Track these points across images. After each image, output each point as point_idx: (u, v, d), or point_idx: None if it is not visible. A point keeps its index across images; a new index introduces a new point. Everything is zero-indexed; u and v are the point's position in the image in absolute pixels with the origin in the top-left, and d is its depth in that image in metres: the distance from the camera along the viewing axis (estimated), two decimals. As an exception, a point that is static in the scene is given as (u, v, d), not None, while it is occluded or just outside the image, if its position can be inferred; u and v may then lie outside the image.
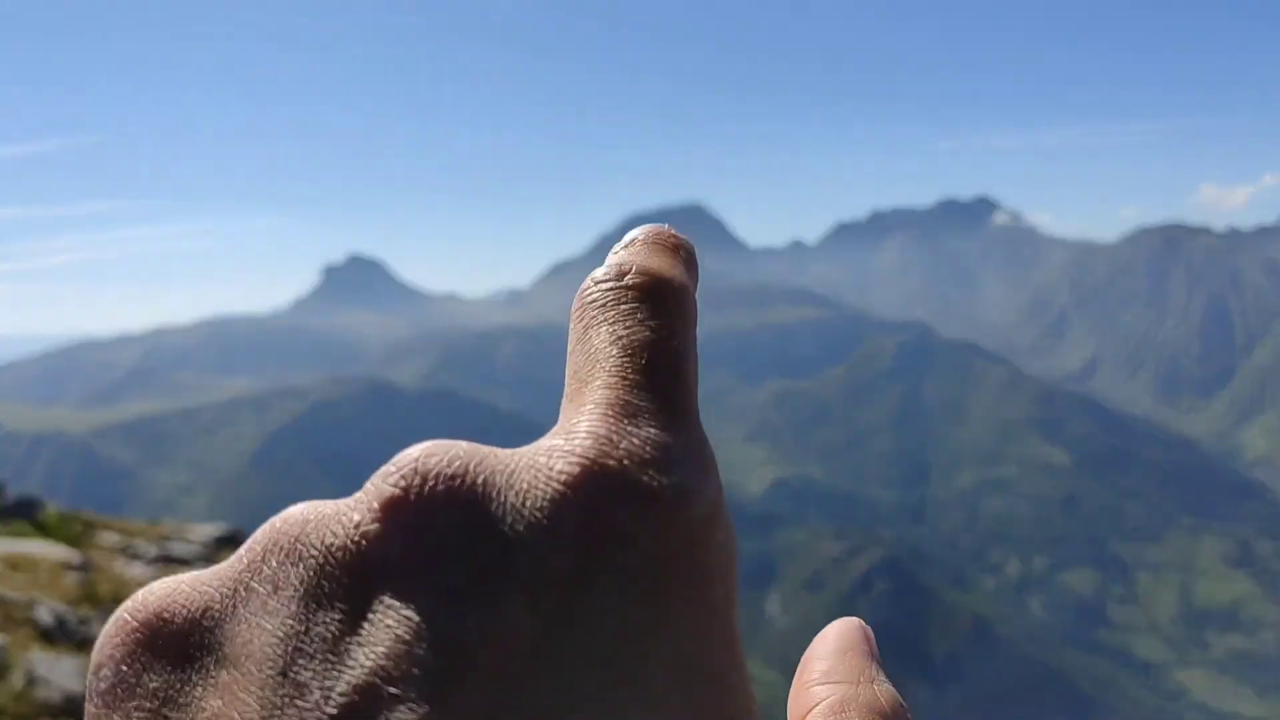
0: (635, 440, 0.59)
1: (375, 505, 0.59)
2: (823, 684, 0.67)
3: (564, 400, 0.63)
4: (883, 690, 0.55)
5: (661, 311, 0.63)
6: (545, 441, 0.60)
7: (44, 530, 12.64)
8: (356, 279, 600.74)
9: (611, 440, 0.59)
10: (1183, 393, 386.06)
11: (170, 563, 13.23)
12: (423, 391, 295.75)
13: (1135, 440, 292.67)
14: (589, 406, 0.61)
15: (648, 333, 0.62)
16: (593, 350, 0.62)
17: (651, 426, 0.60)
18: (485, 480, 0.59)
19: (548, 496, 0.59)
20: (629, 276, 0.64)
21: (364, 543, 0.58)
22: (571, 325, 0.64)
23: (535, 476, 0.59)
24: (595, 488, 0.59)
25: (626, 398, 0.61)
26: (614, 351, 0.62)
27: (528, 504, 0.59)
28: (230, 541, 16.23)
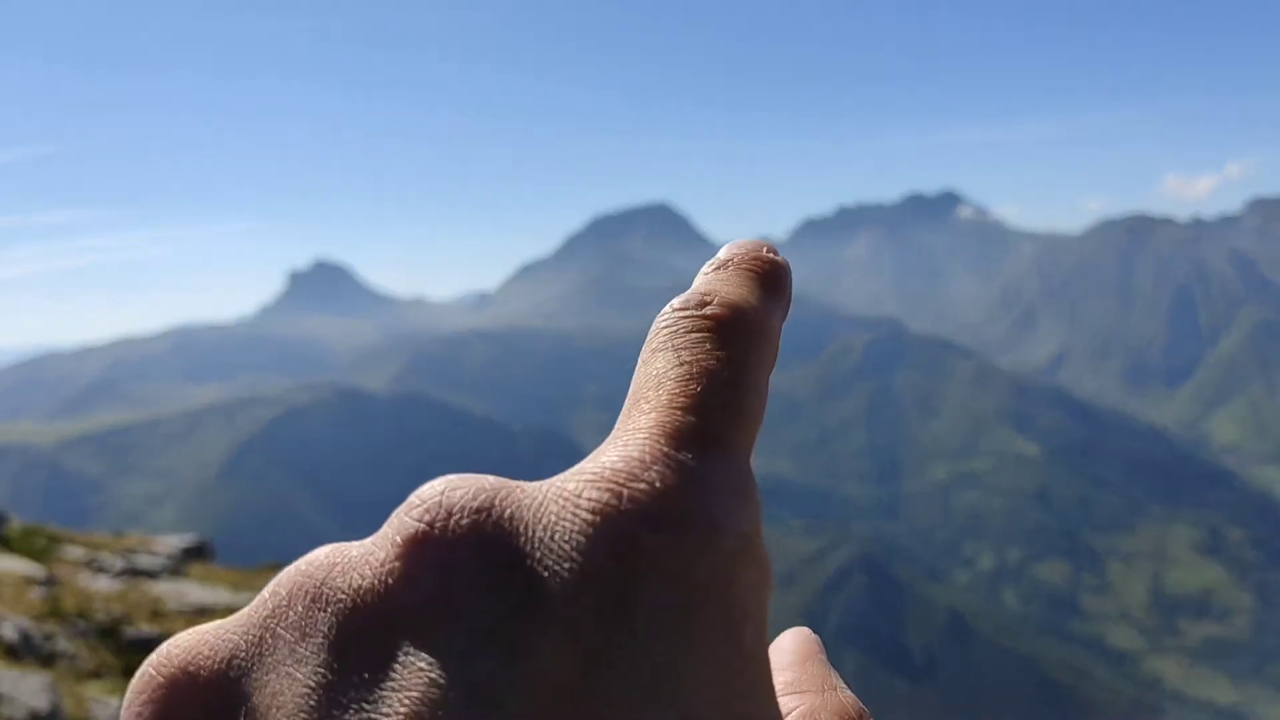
0: (669, 464, 0.58)
1: (399, 541, 0.57)
2: (789, 694, 0.62)
3: (619, 418, 0.60)
4: (846, 696, 0.61)
5: (732, 343, 0.60)
6: (579, 464, 0.58)
7: (8, 545, 12.53)
8: (323, 284, 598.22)
9: (643, 463, 0.58)
10: (1150, 382, 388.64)
11: (137, 575, 13.03)
12: (392, 396, 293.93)
13: (1105, 431, 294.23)
14: (632, 428, 0.59)
15: (711, 361, 0.59)
16: (653, 373, 0.60)
17: (690, 450, 0.58)
18: (512, 513, 0.57)
19: (575, 526, 0.57)
20: (708, 306, 0.60)
21: (390, 582, 0.57)
22: (643, 348, 0.61)
23: (563, 506, 0.57)
24: (623, 514, 0.58)
25: (672, 420, 0.59)
26: (672, 374, 0.59)
27: (556, 536, 0.57)
28: (199, 552, 16.07)
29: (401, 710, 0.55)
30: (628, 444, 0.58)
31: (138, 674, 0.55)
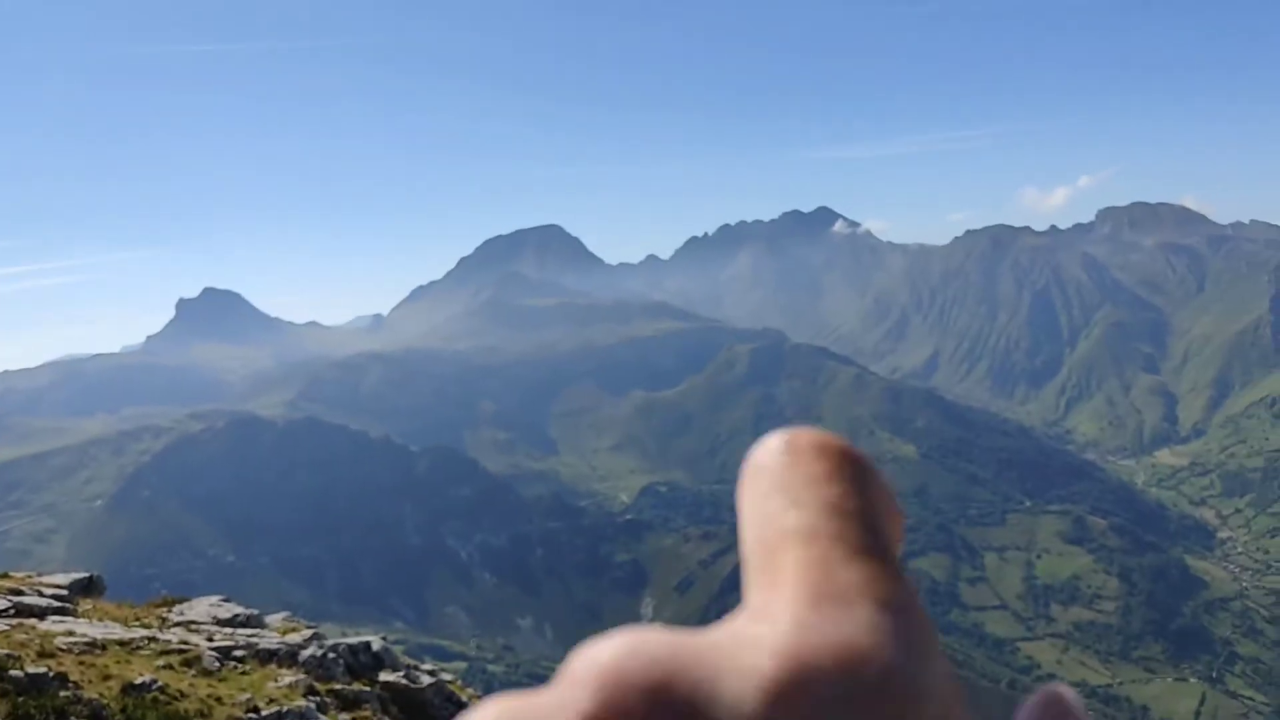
0: (848, 629, 0.53)
1: None
2: None
3: (750, 574, 0.56)
4: None
5: (848, 475, 0.58)
6: (745, 628, 0.54)
7: (-112, 592, 11.88)
8: (213, 312, 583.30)
9: (822, 632, 0.53)
10: (1016, 384, 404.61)
11: (24, 614, 12.72)
12: (288, 422, 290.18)
13: (976, 430, 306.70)
14: (788, 588, 0.54)
15: (838, 497, 0.56)
16: (774, 517, 0.56)
17: (864, 609, 0.53)
18: (690, 691, 0.53)
19: (761, 709, 0.53)
20: (804, 441, 0.61)
21: None
22: (745, 490, 0.58)
23: (744, 683, 0.53)
24: (811, 695, 0.53)
25: (828, 575, 0.54)
26: (803, 519, 0.55)
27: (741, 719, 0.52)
28: (89, 588, 15.76)
29: None
30: (796, 606, 0.53)
31: None
